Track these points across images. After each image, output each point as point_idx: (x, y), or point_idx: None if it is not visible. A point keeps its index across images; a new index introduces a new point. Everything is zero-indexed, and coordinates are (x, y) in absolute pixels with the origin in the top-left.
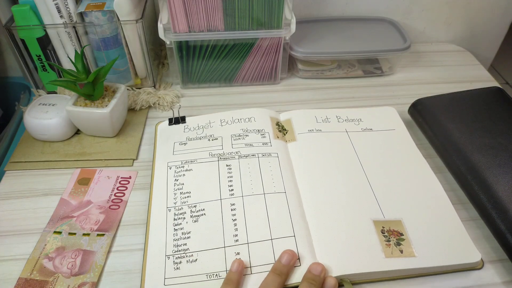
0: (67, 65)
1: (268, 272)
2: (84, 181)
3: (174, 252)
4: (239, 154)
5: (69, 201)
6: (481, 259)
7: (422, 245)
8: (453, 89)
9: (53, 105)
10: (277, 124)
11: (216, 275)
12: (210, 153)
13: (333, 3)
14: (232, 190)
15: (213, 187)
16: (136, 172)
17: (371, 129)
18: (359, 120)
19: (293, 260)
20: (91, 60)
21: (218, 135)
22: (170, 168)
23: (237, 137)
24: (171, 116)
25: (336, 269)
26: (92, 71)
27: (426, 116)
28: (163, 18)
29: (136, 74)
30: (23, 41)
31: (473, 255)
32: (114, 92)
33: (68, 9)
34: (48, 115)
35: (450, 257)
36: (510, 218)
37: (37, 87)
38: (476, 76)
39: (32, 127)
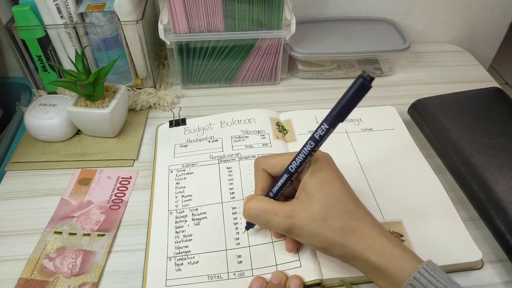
0: (67, 65)
1: (268, 275)
2: (84, 181)
3: (176, 254)
4: (239, 156)
5: (69, 201)
6: (481, 259)
7: (422, 245)
8: (452, 90)
9: (53, 105)
10: (277, 124)
11: (218, 276)
12: (211, 156)
13: (333, 4)
14: (233, 193)
15: (214, 190)
16: (136, 172)
17: (371, 129)
18: (359, 120)
19: (283, 279)
20: (92, 61)
21: (218, 136)
22: (172, 171)
23: (237, 139)
24: (171, 116)
25: (336, 271)
26: (93, 71)
27: (425, 116)
28: (164, 19)
29: (136, 74)
30: (23, 41)
31: (474, 253)
32: (114, 92)
33: (68, 10)
34: (48, 115)
35: (451, 257)
36: (509, 218)
37: (38, 88)
38: (475, 77)
39: (33, 127)
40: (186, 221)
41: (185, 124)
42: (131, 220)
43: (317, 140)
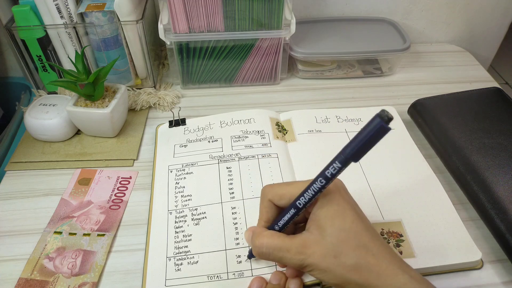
0: (67, 65)
1: (268, 275)
2: (84, 181)
3: (175, 254)
4: (239, 156)
5: (69, 201)
6: (481, 259)
7: (422, 245)
8: (452, 90)
9: (53, 105)
10: (277, 124)
11: (217, 276)
12: (210, 156)
13: (333, 4)
14: (232, 193)
15: (214, 190)
16: (136, 172)
17: None
18: (359, 120)
19: (283, 279)
20: (92, 61)
21: (218, 136)
22: (171, 171)
23: (237, 139)
24: (171, 116)
25: None
26: (93, 71)
27: (425, 116)
28: (164, 19)
29: (136, 74)
30: (23, 41)
31: (474, 253)
32: (114, 92)
33: (68, 10)
34: (48, 115)
35: (450, 257)
36: (509, 218)
37: (38, 88)
38: (475, 77)
39: (33, 127)
40: (185, 221)
41: (185, 124)
42: (131, 220)
43: (328, 178)
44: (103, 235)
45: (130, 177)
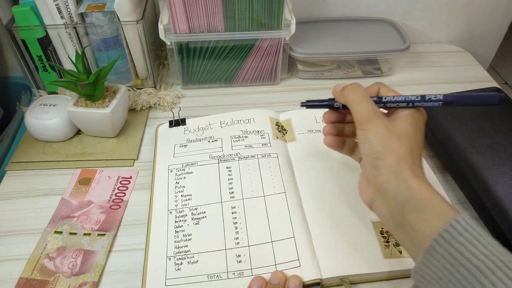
0: (67, 65)
1: (267, 275)
2: (85, 181)
3: (175, 254)
4: (239, 155)
5: (70, 201)
6: None
7: None
8: (452, 90)
9: (54, 105)
10: (277, 124)
11: (217, 276)
12: (210, 155)
13: (333, 4)
14: (232, 193)
15: (214, 190)
16: (136, 172)
17: None
18: None
19: (283, 279)
20: (92, 61)
21: (218, 136)
22: (171, 171)
23: (237, 139)
24: (171, 116)
25: (336, 270)
26: (93, 71)
27: None
28: (164, 19)
29: (136, 74)
30: (24, 41)
31: None
32: (114, 92)
33: (68, 10)
34: (49, 115)
35: None
36: (510, 218)
37: (38, 88)
38: (475, 77)
39: (33, 127)
40: (185, 220)
41: (185, 124)
42: (131, 220)
43: (424, 98)
44: (104, 234)
45: (131, 177)
